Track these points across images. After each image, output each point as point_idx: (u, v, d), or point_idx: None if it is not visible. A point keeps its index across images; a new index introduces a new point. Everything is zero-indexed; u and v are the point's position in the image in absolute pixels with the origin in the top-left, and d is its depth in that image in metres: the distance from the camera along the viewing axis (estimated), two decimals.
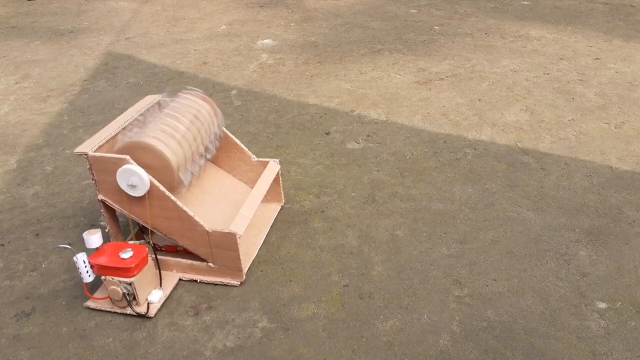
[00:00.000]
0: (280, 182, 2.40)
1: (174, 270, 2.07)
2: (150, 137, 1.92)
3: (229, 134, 2.31)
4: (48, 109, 3.56)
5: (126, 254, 1.83)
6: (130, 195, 1.91)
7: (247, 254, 2.14)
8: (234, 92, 3.69)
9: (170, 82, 3.89)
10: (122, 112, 2.23)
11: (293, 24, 5.09)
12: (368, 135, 3.04)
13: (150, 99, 2.28)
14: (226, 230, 1.91)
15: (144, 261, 1.87)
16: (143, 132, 1.98)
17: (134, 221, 2.06)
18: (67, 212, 2.50)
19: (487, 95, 3.47)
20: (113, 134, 2.03)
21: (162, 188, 1.89)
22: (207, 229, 1.92)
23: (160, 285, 1.98)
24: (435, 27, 4.79)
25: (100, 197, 2.00)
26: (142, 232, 2.17)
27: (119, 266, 1.81)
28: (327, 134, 3.09)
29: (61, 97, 3.74)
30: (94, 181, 1.97)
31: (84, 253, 1.86)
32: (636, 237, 2.17)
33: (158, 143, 1.91)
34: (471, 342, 1.74)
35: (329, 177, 2.67)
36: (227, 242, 1.93)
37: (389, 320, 1.84)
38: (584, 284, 1.95)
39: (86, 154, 1.91)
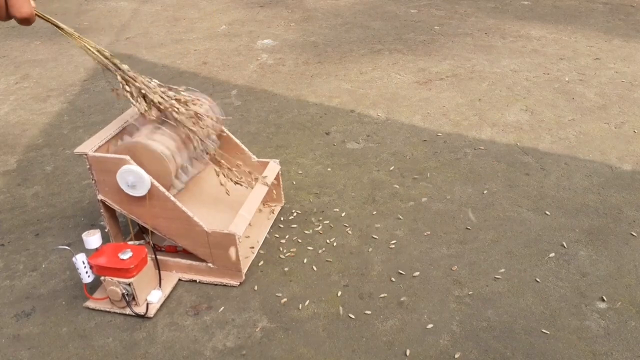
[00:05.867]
0: (281, 182, 2.39)
1: (174, 271, 2.07)
2: (145, 138, 1.92)
3: (229, 134, 2.31)
4: (48, 109, 3.56)
5: (125, 255, 1.83)
6: (130, 196, 1.91)
7: (247, 254, 2.14)
8: (234, 92, 3.69)
9: (170, 82, 3.89)
10: (122, 112, 2.23)
11: (293, 24, 5.09)
12: (368, 135, 3.04)
13: None
14: (225, 231, 1.91)
15: (143, 262, 1.87)
16: (139, 133, 1.97)
17: (133, 221, 2.05)
18: (67, 212, 2.50)
19: (487, 95, 3.47)
20: (113, 134, 2.03)
21: (161, 188, 1.89)
22: (206, 229, 1.92)
23: (160, 286, 1.98)
24: (435, 27, 4.79)
25: (100, 197, 2.00)
26: (141, 232, 2.17)
27: (118, 267, 1.81)
28: (327, 134, 3.09)
29: (61, 97, 3.74)
30: (93, 181, 1.97)
31: (83, 254, 1.87)
32: (636, 237, 2.17)
33: (153, 143, 1.91)
34: (471, 342, 1.74)
35: (329, 177, 2.67)
36: (226, 243, 1.93)
37: (389, 320, 1.84)
38: (584, 284, 1.95)
39: (86, 154, 1.91)
